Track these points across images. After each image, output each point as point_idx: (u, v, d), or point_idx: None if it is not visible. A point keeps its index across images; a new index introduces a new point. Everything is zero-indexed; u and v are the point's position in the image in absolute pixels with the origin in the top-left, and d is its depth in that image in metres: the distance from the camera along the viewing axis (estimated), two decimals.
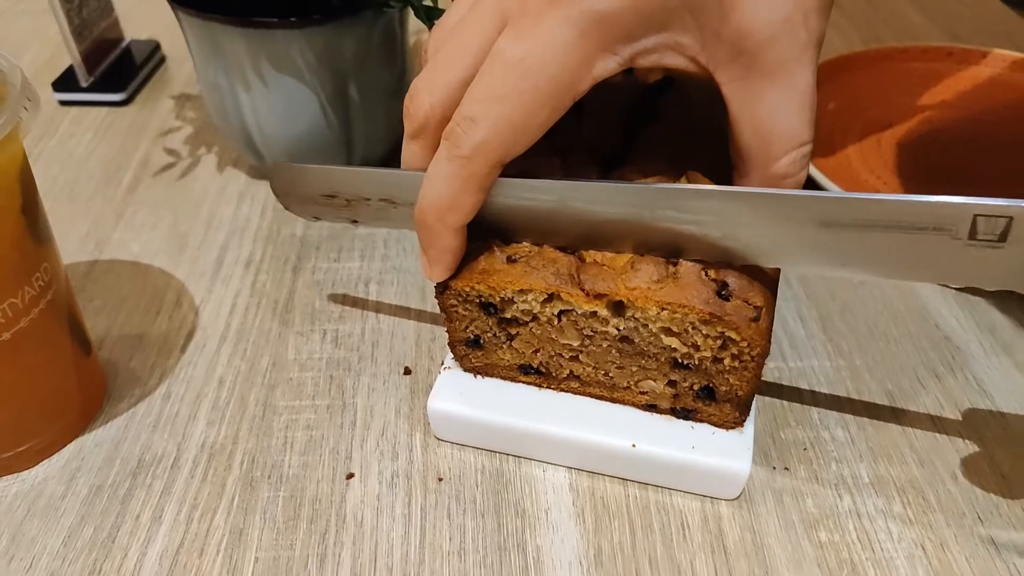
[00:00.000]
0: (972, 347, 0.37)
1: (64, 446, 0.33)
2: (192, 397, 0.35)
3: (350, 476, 0.32)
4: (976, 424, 0.34)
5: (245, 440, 0.34)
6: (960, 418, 0.34)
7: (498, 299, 0.30)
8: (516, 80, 0.25)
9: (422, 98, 0.27)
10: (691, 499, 0.31)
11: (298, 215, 0.34)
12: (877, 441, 0.33)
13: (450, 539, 0.30)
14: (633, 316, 0.29)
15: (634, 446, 0.31)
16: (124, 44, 0.58)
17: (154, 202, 0.46)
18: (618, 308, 0.29)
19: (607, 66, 0.25)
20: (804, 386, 0.35)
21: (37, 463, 0.33)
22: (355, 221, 0.33)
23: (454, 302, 0.31)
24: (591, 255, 0.29)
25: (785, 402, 0.35)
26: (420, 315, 0.39)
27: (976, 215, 0.23)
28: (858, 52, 0.53)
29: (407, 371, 0.36)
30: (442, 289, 0.30)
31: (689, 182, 0.29)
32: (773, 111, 0.26)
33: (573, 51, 0.25)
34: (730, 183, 0.28)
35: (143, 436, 0.34)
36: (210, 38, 0.40)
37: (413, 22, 0.44)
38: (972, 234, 0.24)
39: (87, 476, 0.32)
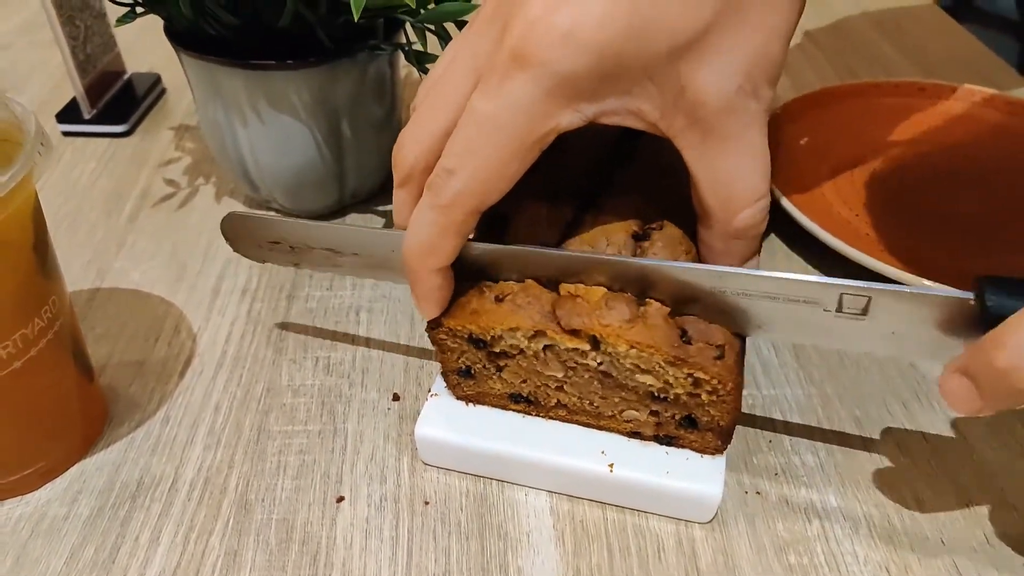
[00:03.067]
0: (938, 376, 0.39)
1: (67, 469, 0.35)
2: (189, 422, 0.37)
3: (340, 499, 0.34)
4: (941, 451, 0.36)
5: (240, 464, 0.35)
6: (926, 445, 0.36)
7: (488, 336, 0.32)
8: (487, 135, 0.27)
9: (408, 149, 0.29)
10: (666, 522, 0.33)
11: (247, 257, 0.37)
12: (846, 467, 0.35)
13: (435, 561, 0.31)
14: (607, 351, 0.30)
15: (611, 468, 0.32)
16: (126, 77, 0.60)
17: (154, 231, 0.48)
18: (595, 342, 0.31)
19: (571, 120, 0.27)
20: (776, 413, 0.37)
21: (41, 486, 0.34)
22: (297, 264, 0.36)
23: (444, 337, 0.33)
24: (567, 287, 0.31)
25: (758, 429, 0.36)
26: (409, 343, 0.40)
27: (842, 293, 0.28)
28: (831, 87, 0.55)
29: (396, 397, 0.38)
30: (434, 326, 0.32)
31: (661, 227, 0.32)
32: (731, 173, 0.28)
33: (538, 108, 0.26)
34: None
35: (142, 460, 0.35)
36: (210, 78, 0.42)
37: (403, 61, 0.46)
38: (839, 308, 0.28)
39: (88, 498, 0.34)
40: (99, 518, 0.33)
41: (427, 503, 0.33)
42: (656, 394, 0.31)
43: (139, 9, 0.42)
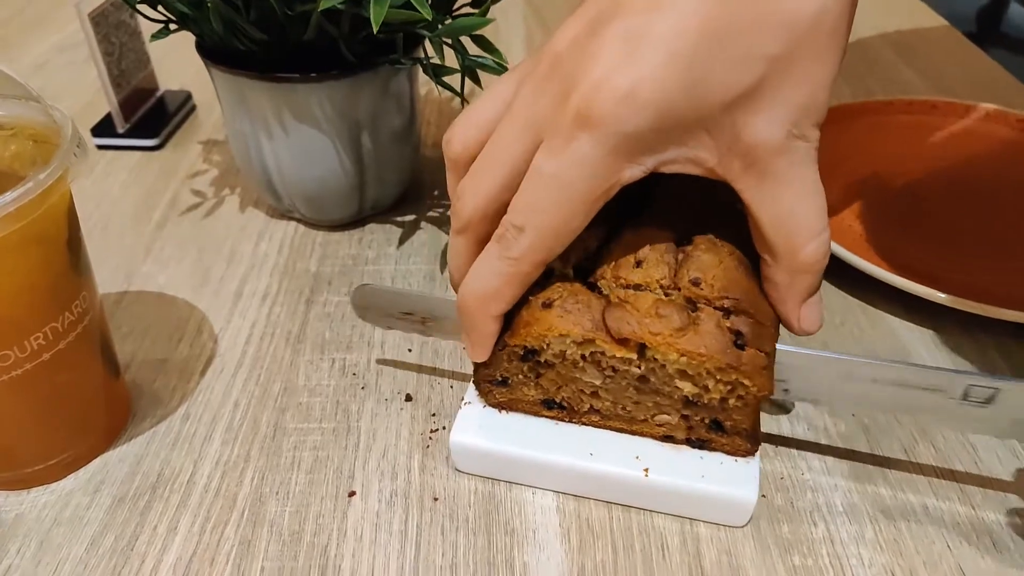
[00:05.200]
0: None
1: (91, 461, 0.36)
2: (209, 418, 0.38)
3: (352, 494, 0.34)
4: (948, 457, 0.36)
5: (256, 459, 0.36)
6: (933, 451, 0.36)
7: (541, 346, 0.32)
8: (553, 194, 0.28)
9: (466, 200, 0.31)
10: (671, 521, 0.33)
11: (374, 324, 0.38)
12: (852, 472, 0.35)
13: (443, 554, 0.32)
14: (653, 358, 0.31)
15: (646, 473, 0.32)
16: (159, 94, 0.63)
17: (181, 239, 0.49)
18: (642, 350, 0.31)
19: (632, 173, 0.29)
20: (784, 419, 0.37)
21: (65, 476, 0.35)
22: (425, 333, 0.37)
23: (504, 357, 0.33)
24: (617, 294, 0.31)
25: (765, 433, 0.37)
26: (422, 345, 0.41)
27: (969, 384, 0.31)
28: (845, 104, 0.55)
29: (408, 398, 0.39)
30: (501, 348, 0.33)
31: (702, 231, 0.32)
32: (790, 210, 0.29)
33: (602, 166, 0.28)
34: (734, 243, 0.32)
35: (163, 453, 0.36)
36: (238, 91, 0.44)
37: (422, 78, 0.48)
38: (964, 397, 0.31)
39: (110, 488, 0.35)
40: (120, 508, 0.34)
41: (436, 499, 0.34)
42: (689, 398, 0.32)
43: (172, 26, 0.44)
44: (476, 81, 0.42)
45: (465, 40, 0.41)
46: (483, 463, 0.34)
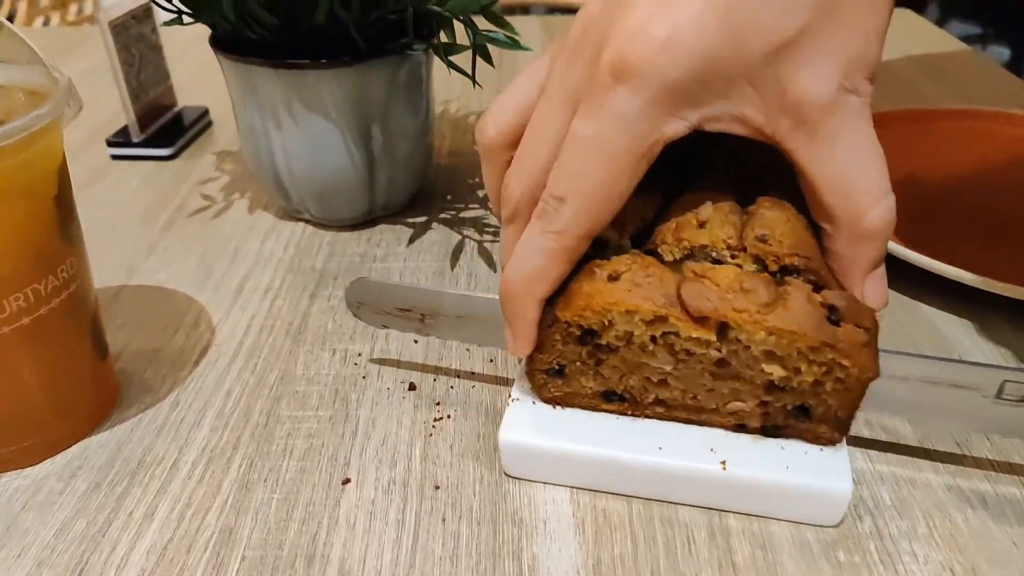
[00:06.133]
0: None
1: (69, 446, 0.34)
2: (199, 406, 0.36)
3: (346, 481, 0.32)
4: (1004, 450, 0.32)
5: (246, 445, 0.33)
6: (988, 443, 0.32)
7: (602, 323, 0.28)
8: (594, 156, 0.26)
9: (512, 187, 0.29)
10: (698, 513, 0.30)
11: (367, 323, 0.36)
12: (899, 465, 0.32)
13: (443, 544, 0.29)
14: (737, 338, 0.27)
15: (724, 466, 0.29)
16: (176, 109, 0.63)
17: (186, 239, 0.48)
18: (722, 330, 0.28)
19: (676, 129, 0.27)
20: None
21: (41, 460, 0.33)
22: (421, 331, 0.35)
23: (556, 337, 0.30)
24: (692, 267, 0.28)
25: None
26: (428, 337, 0.39)
27: (1004, 380, 0.28)
28: (882, 112, 0.53)
29: (412, 387, 0.36)
30: (549, 323, 0.29)
31: (762, 191, 0.30)
32: (848, 171, 0.27)
33: (643, 120, 0.26)
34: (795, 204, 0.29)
35: (147, 439, 0.34)
36: (248, 81, 0.43)
37: (437, 70, 0.47)
38: (999, 394, 0.28)
39: (87, 474, 0.32)
40: (95, 493, 0.31)
41: (438, 487, 0.31)
42: (776, 383, 0.28)
43: (186, 19, 0.43)
44: (488, 59, 0.40)
45: (478, 19, 0.40)
46: (539, 465, 0.31)
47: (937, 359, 0.29)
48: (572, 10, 1.18)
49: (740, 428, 0.30)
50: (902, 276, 0.41)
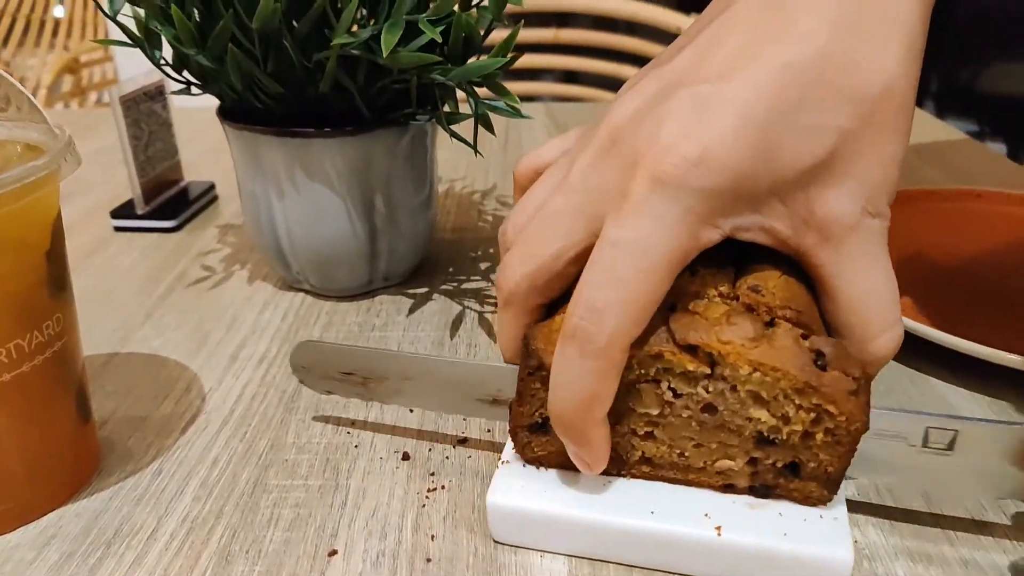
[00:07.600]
0: None
1: (44, 514, 0.32)
2: (183, 474, 0.34)
3: (332, 553, 0.30)
4: None
5: (229, 515, 0.32)
6: (1008, 520, 0.30)
7: None
8: (635, 261, 0.26)
9: (511, 271, 0.30)
10: None
11: (311, 389, 0.35)
12: (914, 540, 0.30)
13: None
14: (722, 375, 0.27)
15: (719, 532, 0.27)
16: (183, 184, 0.63)
17: (183, 308, 0.48)
18: (713, 364, 0.27)
19: (710, 237, 0.27)
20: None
21: (14, 528, 0.31)
22: (363, 396, 0.34)
23: (537, 385, 0.29)
24: (684, 302, 0.28)
25: None
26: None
27: (928, 427, 0.28)
28: None
29: (406, 456, 0.35)
30: (532, 371, 0.29)
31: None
32: (867, 290, 0.28)
33: (681, 225, 0.26)
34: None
35: (125, 509, 0.32)
36: (252, 149, 0.44)
37: (442, 145, 0.48)
38: (924, 442, 0.28)
39: (60, 544, 0.31)
40: (67, 563, 0.30)
41: (429, 560, 0.29)
42: (764, 434, 0.28)
43: (194, 90, 0.44)
44: (489, 128, 0.41)
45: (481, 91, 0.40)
46: (527, 530, 0.29)
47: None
48: (575, 99, 1.21)
49: (729, 488, 0.29)
50: (912, 348, 0.40)
